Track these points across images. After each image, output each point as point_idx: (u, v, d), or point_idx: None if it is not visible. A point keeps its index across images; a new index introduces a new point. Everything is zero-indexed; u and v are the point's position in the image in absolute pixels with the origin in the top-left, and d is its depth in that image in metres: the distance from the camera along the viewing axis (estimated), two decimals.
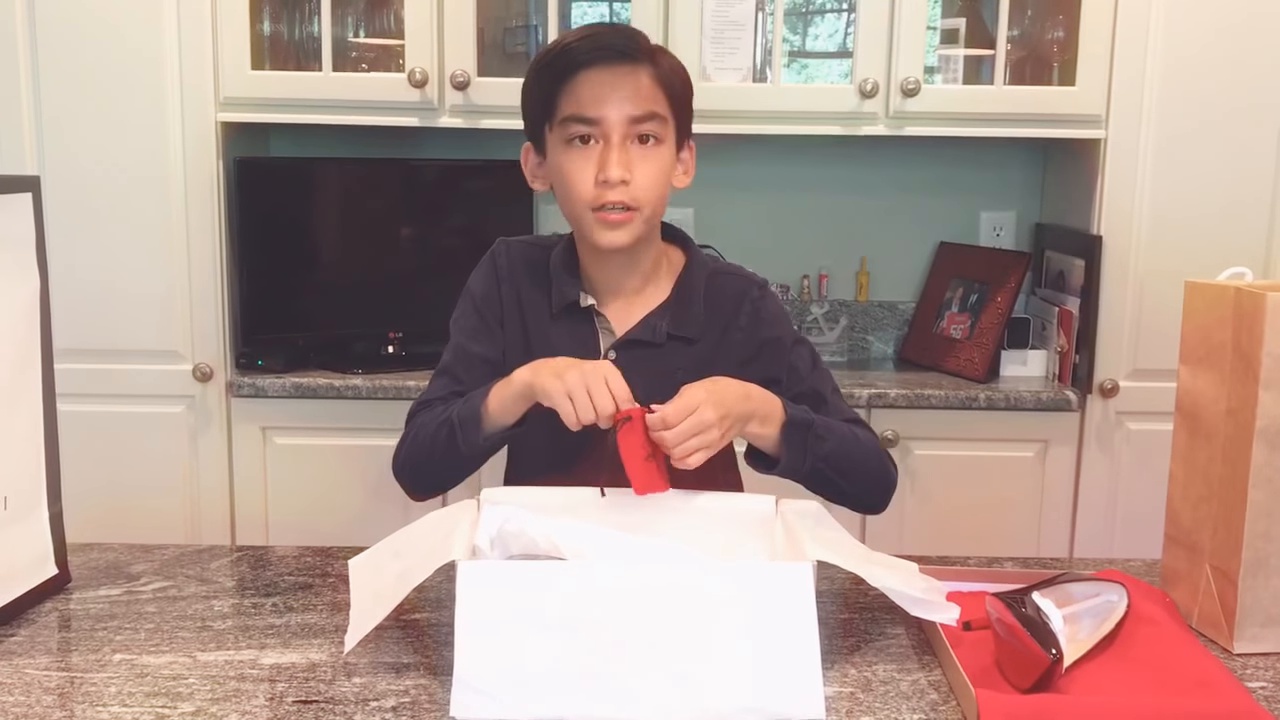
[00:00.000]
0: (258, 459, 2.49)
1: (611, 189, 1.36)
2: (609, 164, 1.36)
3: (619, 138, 1.37)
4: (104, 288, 2.43)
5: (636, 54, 1.38)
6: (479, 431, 1.37)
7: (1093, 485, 2.52)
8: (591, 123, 1.36)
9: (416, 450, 1.44)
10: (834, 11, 2.91)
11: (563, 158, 1.39)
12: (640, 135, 1.38)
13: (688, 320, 1.45)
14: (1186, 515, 1.30)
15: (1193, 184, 2.44)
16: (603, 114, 1.36)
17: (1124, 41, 2.40)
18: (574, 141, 1.38)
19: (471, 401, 1.38)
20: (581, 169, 1.38)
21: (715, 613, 1.06)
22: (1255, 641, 1.22)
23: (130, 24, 2.37)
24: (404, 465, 1.47)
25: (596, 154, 1.37)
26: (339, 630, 1.23)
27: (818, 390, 1.47)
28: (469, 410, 1.38)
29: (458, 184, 2.71)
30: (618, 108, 1.36)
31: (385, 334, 2.63)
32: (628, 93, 1.36)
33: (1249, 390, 1.19)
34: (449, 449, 1.39)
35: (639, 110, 1.37)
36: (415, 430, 1.46)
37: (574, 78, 1.36)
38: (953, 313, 2.71)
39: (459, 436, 1.37)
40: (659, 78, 1.39)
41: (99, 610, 1.29)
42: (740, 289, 1.50)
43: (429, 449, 1.42)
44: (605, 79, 1.36)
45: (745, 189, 2.84)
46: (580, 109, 1.36)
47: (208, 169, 2.42)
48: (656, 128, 1.39)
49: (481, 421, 1.37)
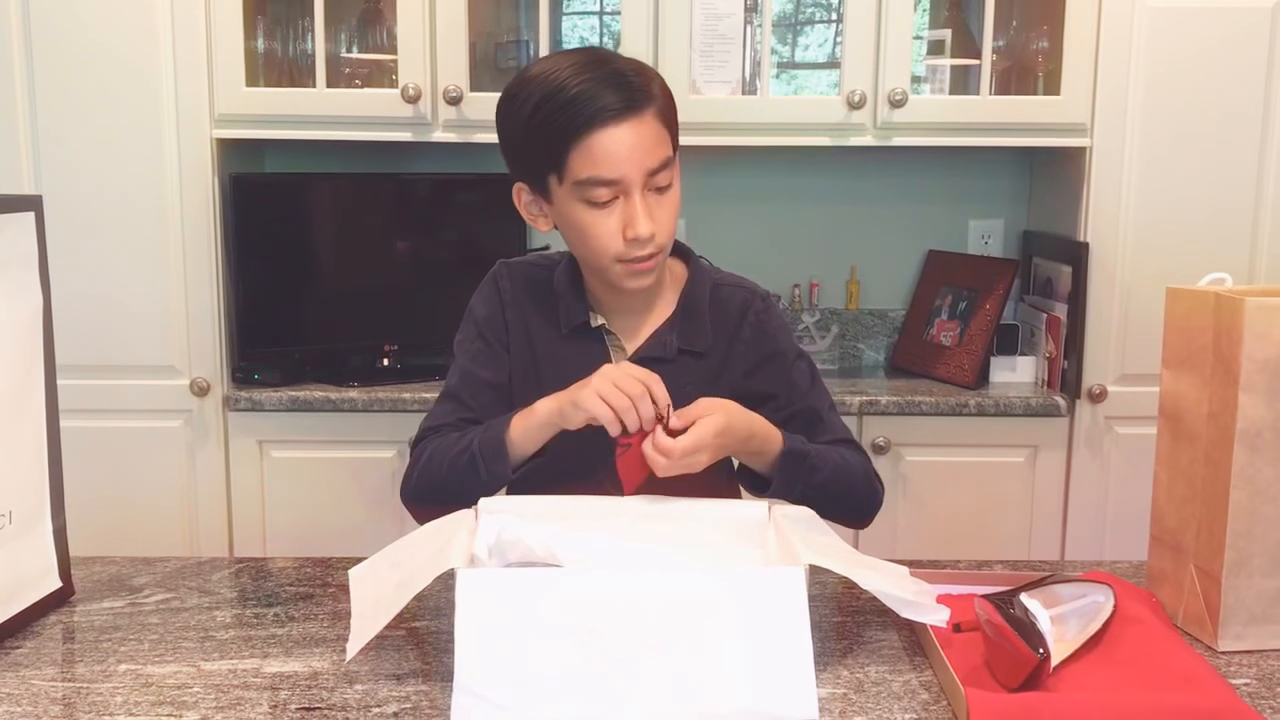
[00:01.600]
0: (255, 472, 2.51)
1: (641, 245, 1.36)
2: (637, 222, 1.35)
3: (639, 191, 1.35)
4: (102, 304, 2.45)
5: (643, 101, 1.35)
6: (503, 461, 1.37)
7: (1082, 489, 2.55)
8: (613, 184, 1.34)
9: (431, 477, 1.43)
10: (822, 23, 2.94)
11: (582, 215, 1.37)
12: (658, 187, 1.37)
13: (696, 334, 1.47)
14: (1171, 516, 1.33)
15: (1177, 191, 2.48)
16: (622, 174, 1.34)
17: (1108, 51, 2.44)
18: (595, 201, 1.36)
19: (493, 431, 1.38)
20: (605, 225, 1.36)
21: (710, 617, 1.08)
22: (1239, 640, 1.25)
23: (125, 43, 2.39)
24: (418, 492, 1.45)
25: (618, 209, 1.36)
26: (340, 639, 1.25)
27: (815, 408, 1.49)
28: (491, 440, 1.37)
29: (451, 198, 2.74)
30: (637, 165, 1.34)
31: (381, 347, 2.65)
32: (643, 147, 1.34)
33: (1229, 393, 1.22)
34: (469, 478, 1.38)
35: (655, 162, 1.35)
36: (428, 457, 1.44)
37: (585, 138, 1.32)
38: (942, 320, 2.74)
39: (481, 466, 1.37)
40: (661, 114, 1.37)
41: (103, 622, 1.31)
42: (744, 300, 1.51)
43: (446, 477, 1.41)
44: (619, 137, 1.33)
45: (735, 200, 2.86)
46: (599, 171, 1.33)
47: (203, 186, 2.44)
48: (668, 174, 1.38)
49: (505, 451, 1.36)
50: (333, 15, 2.49)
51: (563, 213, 1.40)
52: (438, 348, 2.74)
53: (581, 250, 1.42)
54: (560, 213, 1.40)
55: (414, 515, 1.47)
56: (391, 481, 2.50)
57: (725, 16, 2.48)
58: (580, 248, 1.42)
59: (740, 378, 1.48)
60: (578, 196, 1.36)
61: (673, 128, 1.40)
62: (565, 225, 1.41)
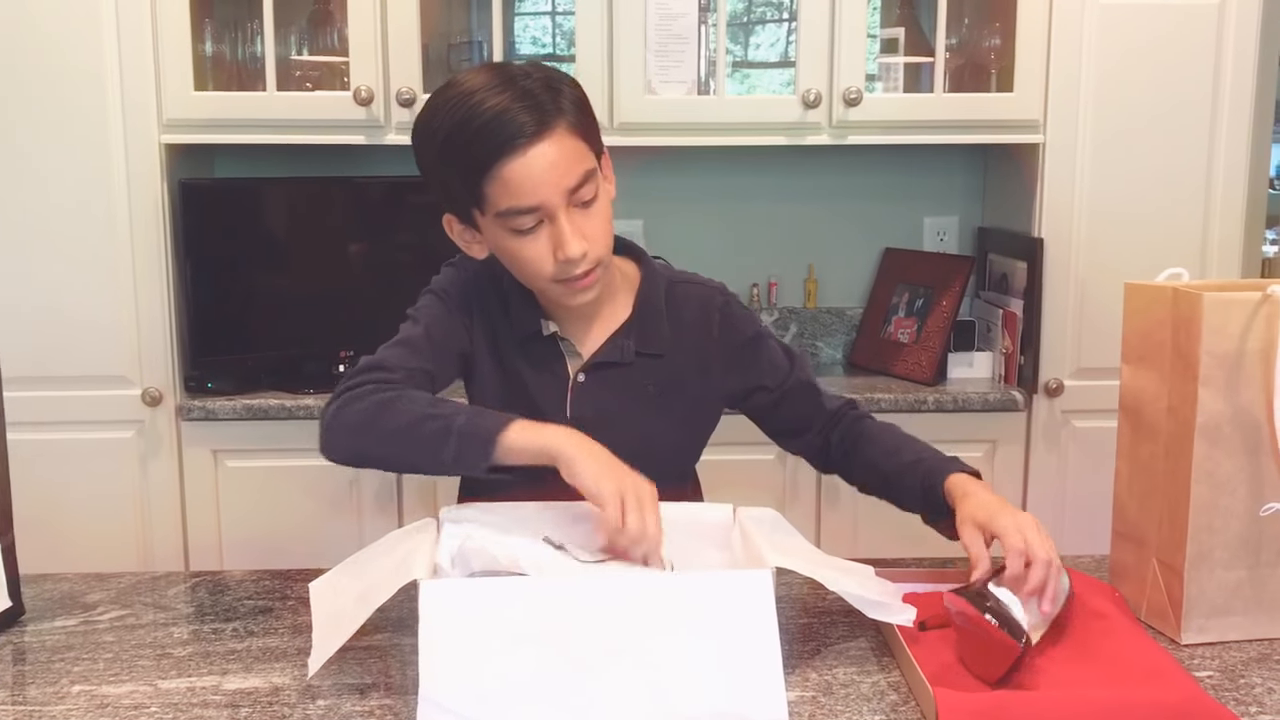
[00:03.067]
0: (209, 482, 2.47)
1: (575, 265, 1.31)
2: (567, 244, 1.30)
3: (563, 212, 1.30)
4: (50, 314, 2.41)
5: (551, 118, 1.28)
6: (482, 457, 1.25)
7: (1041, 483, 2.57)
8: (533, 211, 1.29)
9: (370, 419, 1.29)
10: (774, 21, 2.94)
11: (510, 244, 1.33)
12: (582, 201, 1.32)
13: (653, 336, 1.45)
14: (1132, 510, 1.33)
15: (1129, 185, 2.50)
16: (542, 199, 1.29)
17: (1059, 48, 2.46)
18: (520, 230, 1.31)
19: (482, 421, 1.27)
20: (535, 250, 1.32)
21: (677, 622, 1.07)
22: (1201, 632, 1.26)
23: (70, 46, 2.34)
24: (347, 426, 1.31)
25: (545, 232, 1.31)
26: (301, 653, 1.23)
27: (804, 380, 1.50)
28: (478, 428, 1.26)
29: (405, 200, 2.71)
30: (554, 187, 1.29)
31: (337, 353, 2.62)
32: (560, 168, 1.28)
33: (1189, 388, 1.23)
34: (428, 449, 1.27)
35: (574, 180, 1.30)
36: (378, 403, 1.30)
37: (497, 170, 1.27)
38: (899, 317, 2.75)
39: (452, 447, 1.25)
40: (575, 127, 1.30)
41: (55, 642, 1.27)
42: (705, 297, 1.49)
43: (393, 429, 1.28)
44: (531, 162, 1.27)
45: (693, 200, 2.86)
46: (516, 201, 1.29)
47: (152, 192, 2.40)
48: (591, 186, 1.32)
49: (490, 449, 1.25)
50: (282, 17, 2.45)
51: (493, 242, 1.37)
52: None
53: (518, 274, 1.39)
54: (491, 241, 1.37)
55: (325, 448, 1.32)
56: (348, 490, 2.48)
57: (679, 16, 2.47)
58: (517, 273, 1.38)
59: (721, 375, 1.47)
60: (502, 226, 1.32)
61: (591, 137, 1.34)
62: (498, 252, 1.38)
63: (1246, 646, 1.25)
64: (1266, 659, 1.22)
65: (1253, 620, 1.26)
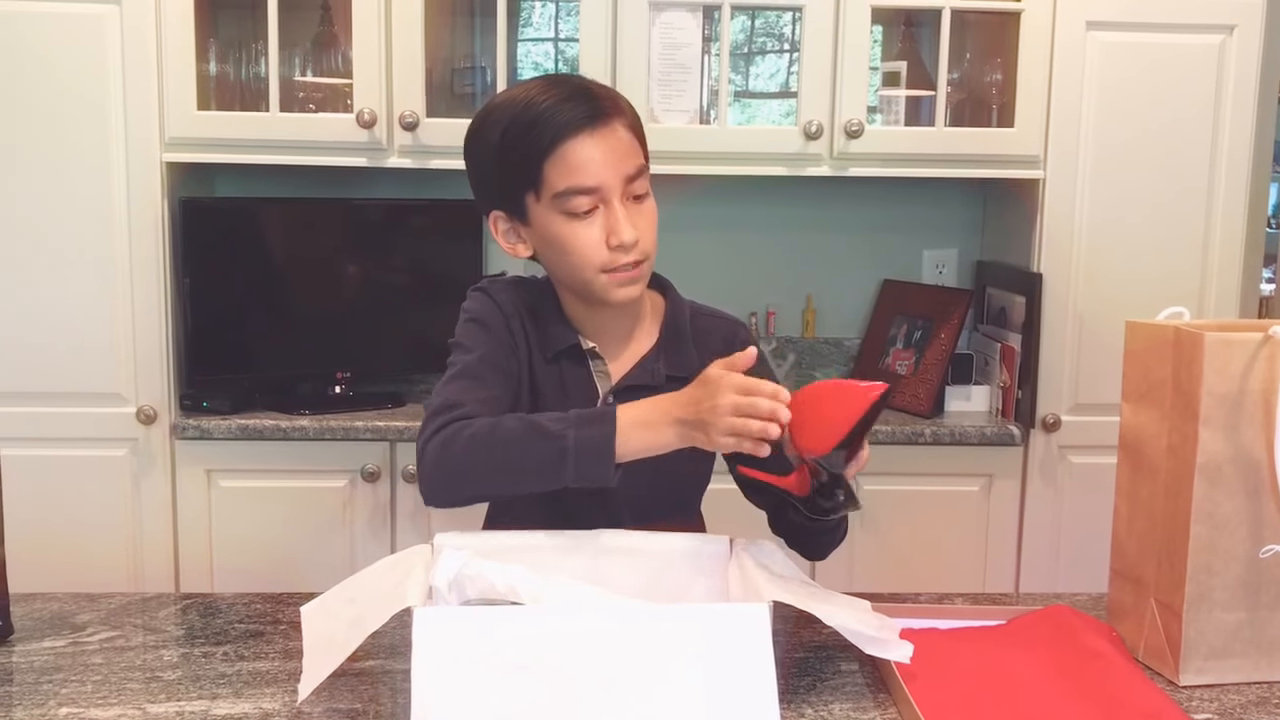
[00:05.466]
0: (203, 502, 2.46)
1: (626, 251, 1.36)
2: (620, 228, 1.35)
3: (618, 199, 1.36)
4: (47, 330, 2.40)
5: (611, 111, 1.36)
6: (603, 474, 1.25)
7: (1037, 518, 2.56)
8: (591, 192, 1.34)
9: (473, 460, 1.29)
10: (775, 52, 2.95)
11: (563, 229, 1.36)
12: (635, 195, 1.37)
13: (682, 361, 1.45)
14: (1131, 549, 1.33)
15: (1128, 222, 2.51)
16: (600, 181, 1.34)
17: (1060, 84, 2.47)
18: (575, 212, 1.35)
19: (590, 431, 1.26)
20: (588, 236, 1.36)
21: (672, 654, 1.06)
22: (1200, 674, 1.25)
23: (75, 65, 2.35)
24: (452, 473, 1.31)
25: (599, 219, 1.36)
26: (292, 678, 1.21)
27: None
28: (592, 442, 1.25)
29: (405, 223, 2.71)
30: (613, 171, 1.35)
31: (333, 374, 2.61)
32: (617, 154, 1.35)
33: (1189, 427, 1.22)
34: (546, 473, 1.26)
35: (631, 169, 1.36)
36: (465, 435, 1.29)
37: (559, 149, 1.33)
38: (898, 349, 2.75)
39: (571, 468, 1.25)
40: (630, 127, 1.38)
41: (43, 663, 1.26)
42: (728, 330, 1.52)
43: (502, 463, 1.28)
44: (592, 145, 1.34)
45: (693, 228, 2.86)
46: (577, 181, 1.34)
47: (152, 210, 2.40)
48: (644, 182, 1.39)
49: (609, 463, 1.25)
50: (286, 38, 2.46)
51: (543, 232, 1.39)
52: (391, 375, 2.71)
53: (564, 267, 1.40)
54: (540, 233, 1.39)
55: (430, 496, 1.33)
56: (342, 512, 2.46)
57: (683, 46, 2.48)
58: (563, 264, 1.40)
59: None
60: (558, 209, 1.36)
61: (643, 142, 1.41)
62: (546, 244, 1.40)
63: (1246, 689, 1.24)
64: (1266, 702, 1.21)
65: (1252, 663, 1.26)
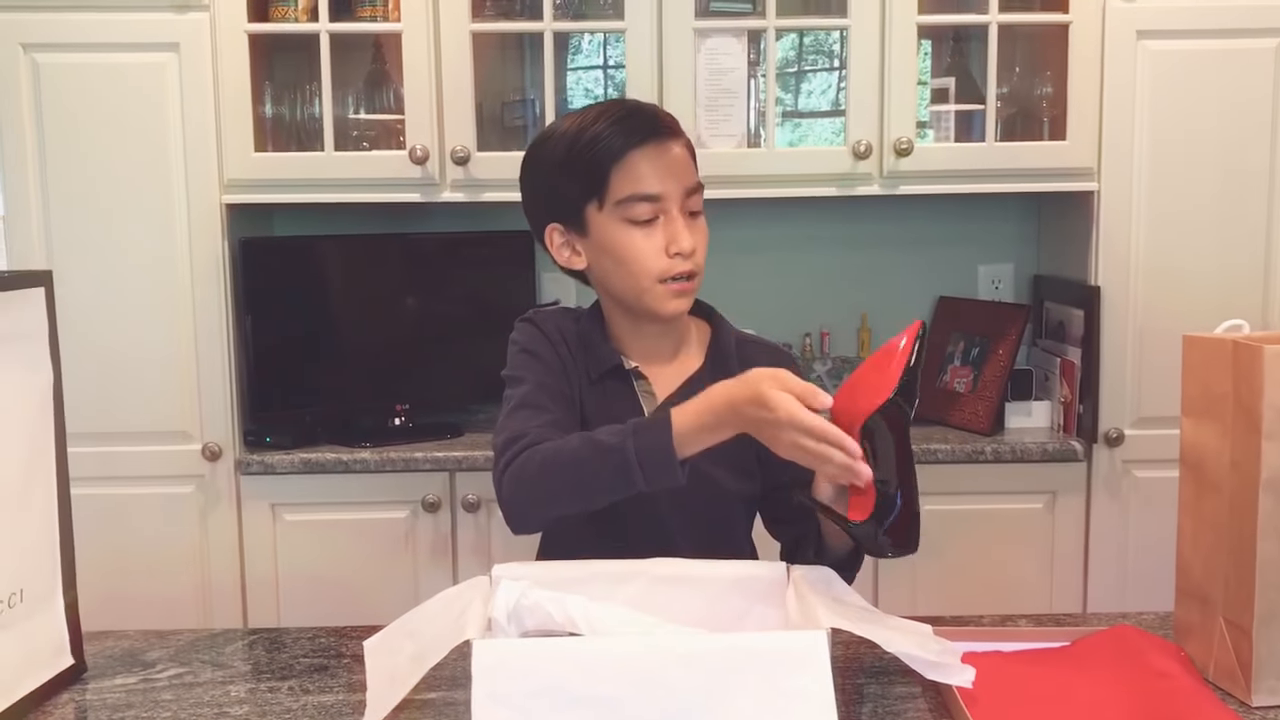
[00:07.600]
0: (268, 536, 2.50)
1: (684, 260, 1.42)
2: (680, 236, 1.41)
3: (678, 210, 1.42)
4: (113, 371, 2.45)
5: (674, 130, 1.45)
6: (669, 467, 1.27)
7: (1103, 534, 2.52)
8: (655, 199, 1.41)
9: (546, 486, 1.33)
10: (823, 70, 2.95)
11: (623, 237, 1.42)
12: (691, 211, 1.44)
13: None
14: (1197, 568, 1.30)
15: (1186, 233, 2.47)
16: (664, 189, 1.41)
17: (1112, 95, 2.44)
18: (637, 219, 1.41)
19: (648, 437, 1.27)
20: (648, 244, 1.41)
21: (731, 683, 1.06)
22: (1274, 694, 1.22)
23: (135, 111, 2.41)
24: (528, 502, 1.35)
25: (659, 229, 1.42)
26: (356, 711, 1.23)
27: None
28: (651, 443, 1.27)
29: (459, 256, 2.74)
30: (676, 181, 1.42)
31: (392, 406, 2.65)
32: (678, 167, 1.43)
33: (1252, 442, 1.20)
34: (617, 484, 1.29)
35: (691, 182, 1.44)
36: (535, 461, 1.33)
37: (625, 157, 1.40)
38: (955, 366, 2.73)
39: (639, 475, 1.27)
40: (688, 148, 1.46)
41: (115, 700, 1.29)
42: (775, 358, 1.52)
43: (573, 483, 1.31)
44: (657, 155, 1.41)
45: (744, 251, 2.86)
46: (641, 187, 1.40)
47: (213, 251, 2.45)
48: (700, 199, 1.45)
49: (673, 463, 1.27)
50: (339, 78, 2.50)
51: (601, 240, 1.43)
52: (449, 406, 2.74)
53: (620, 277, 1.43)
54: (598, 242, 1.43)
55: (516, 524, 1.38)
56: (404, 542, 2.49)
57: (729, 71, 2.49)
58: (619, 274, 1.43)
59: None
60: (619, 217, 1.41)
61: (695, 167, 1.47)
62: (603, 254, 1.44)
63: None
64: None
65: None
